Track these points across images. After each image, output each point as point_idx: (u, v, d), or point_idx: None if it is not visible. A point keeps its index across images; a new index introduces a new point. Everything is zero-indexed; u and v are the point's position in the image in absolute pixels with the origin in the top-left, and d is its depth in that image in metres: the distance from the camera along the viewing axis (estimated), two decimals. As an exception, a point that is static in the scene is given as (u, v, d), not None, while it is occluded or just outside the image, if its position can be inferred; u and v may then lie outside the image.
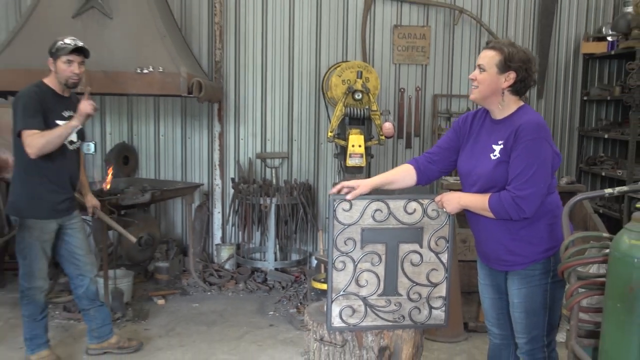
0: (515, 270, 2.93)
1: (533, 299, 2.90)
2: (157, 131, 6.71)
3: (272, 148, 6.76)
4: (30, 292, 4.08)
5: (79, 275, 4.25)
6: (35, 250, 4.03)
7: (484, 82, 2.87)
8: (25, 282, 4.08)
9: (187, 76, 5.08)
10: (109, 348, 4.41)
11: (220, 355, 4.49)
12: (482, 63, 2.88)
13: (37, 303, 4.12)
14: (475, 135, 3.05)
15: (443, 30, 6.66)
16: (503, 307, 3.13)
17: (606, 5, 6.68)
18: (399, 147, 6.77)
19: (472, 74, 2.94)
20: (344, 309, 2.99)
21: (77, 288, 4.29)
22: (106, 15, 5.25)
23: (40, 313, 4.15)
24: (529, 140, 2.74)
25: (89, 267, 4.30)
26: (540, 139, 2.76)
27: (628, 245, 2.22)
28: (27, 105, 3.85)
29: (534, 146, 2.75)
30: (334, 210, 2.93)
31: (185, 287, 5.94)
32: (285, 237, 6.29)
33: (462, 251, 4.90)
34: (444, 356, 4.52)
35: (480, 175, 2.90)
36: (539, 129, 2.77)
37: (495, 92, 2.88)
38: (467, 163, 3.02)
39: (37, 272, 4.07)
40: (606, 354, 2.30)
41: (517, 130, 2.78)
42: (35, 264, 4.05)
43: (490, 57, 2.86)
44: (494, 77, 2.85)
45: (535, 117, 2.84)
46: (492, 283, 3.12)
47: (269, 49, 6.65)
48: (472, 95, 2.95)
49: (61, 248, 4.21)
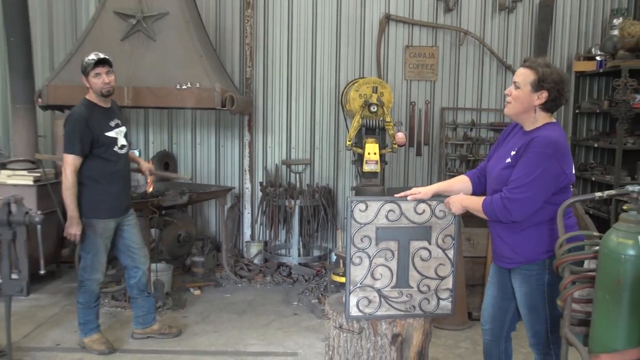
0: (517, 269, 2.89)
1: (533, 296, 2.86)
2: (194, 140, 6.74)
3: (296, 155, 6.76)
4: (88, 282, 4.13)
5: (134, 267, 4.31)
6: (97, 246, 4.09)
7: (517, 99, 2.80)
8: (85, 273, 4.13)
9: (221, 91, 5.09)
10: (152, 334, 4.45)
11: (249, 340, 4.50)
12: (518, 80, 2.80)
13: (93, 292, 4.17)
14: (506, 142, 3.01)
15: (450, 50, 6.64)
16: (501, 305, 3.08)
17: (595, 29, 6.63)
18: (411, 155, 6.75)
19: (507, 89, 2.87)
20: (361, 300, 2.99)
21: (130, 278, 4.34)
22: (150, 38, 5.30)
23: (95, 301, 4.21)
24: (535, 152, 2.68)
25: (143, 260, 4.36)
26: (547, 154, 2.68)
27: (616, 243, 2.22)
28: (72, 130, 3.92)
29: (538, 158, 2.68)
30: (351, 211, 2.93)
31: (218, 279, 5.94)
32: (307, 235, 6.28)
33: (466, 248, 4.89)
34: (451, 342, 4.50)
35: (494, 176, 2.88)
36: (548, 145, 2.69)
37: (528, 109, 2.80)
38: (491, 167, 2.99)
39: (97, 265, 4.13)
40: (596, 341, 2.30)
41: (530, 141, 2.73)
42: (97, 258, 4.11)
43: (525, 75, 2.78)
44: (527, 94, 2.78)
45: (552, 134, 2.75)
46: (497, 281, 3.08)
47: (293, 67, 6.67)
48: (506, 110, 2.88)
49: (119, 242, 4.26)
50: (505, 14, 6.62)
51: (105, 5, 5.39)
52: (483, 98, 6.71)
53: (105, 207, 4.07)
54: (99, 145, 4.00)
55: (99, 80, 3.95)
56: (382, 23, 6.56)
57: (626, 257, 2.17)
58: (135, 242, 4.30)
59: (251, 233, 6.74)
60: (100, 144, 4.00)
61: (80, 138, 3.90)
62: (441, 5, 6.57)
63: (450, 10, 6.55)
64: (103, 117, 4.07)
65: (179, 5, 5.39)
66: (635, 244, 2.18)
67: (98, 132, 3.98)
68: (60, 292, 5.49)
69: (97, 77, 3.95)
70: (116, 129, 4.12)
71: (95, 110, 4.03)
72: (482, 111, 6.72)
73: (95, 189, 4.03)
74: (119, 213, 4.18)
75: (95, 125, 3.98)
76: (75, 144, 3.90)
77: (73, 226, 3.96)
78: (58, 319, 4.83)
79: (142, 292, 4.39)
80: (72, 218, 3.95)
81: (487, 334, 3.18)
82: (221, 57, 6.41)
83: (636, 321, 2.21)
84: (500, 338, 3.15)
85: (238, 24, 6.57)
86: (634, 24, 5.79)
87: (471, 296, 4.92)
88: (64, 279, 5.85)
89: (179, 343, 4.40)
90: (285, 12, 6.60)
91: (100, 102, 4.07)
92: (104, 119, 4.06)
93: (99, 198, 4.03)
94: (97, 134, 3.97)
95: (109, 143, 4.06)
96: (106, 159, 4.04)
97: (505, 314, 3.09)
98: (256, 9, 6.52)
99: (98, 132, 3.98)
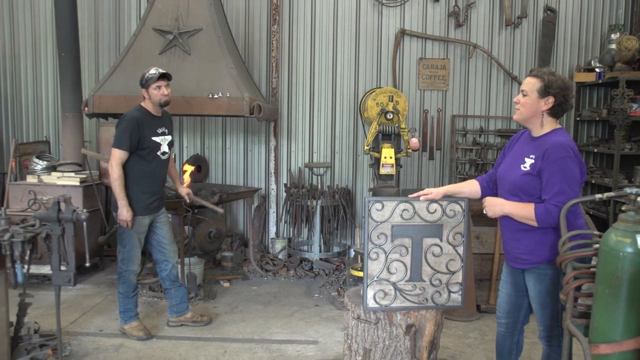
0: (532, 269, 2.86)
1: (546, 293, 2.83)
2: (224, 145, 6.79)
3: (318, 159, 6.77)
4: (126, 273, 4.19)
5: (164, 261, 4.36)
6: (133, 241, 4.15)
7: (525, 105, 2.80)
8: (123, 265, 4.20)
9: (249, 100, 5.12)
10: (185, 321, 4.50)
11: (274, 329, 4.51)
12: (525, 89, 2.80)
13: (131, 283, 4.23)
14: (515, 147, 3.00)
15: (460, 62, 6.62)
16: (516, 302, 3.06)
17: (594, 43, 6.59)
18: (424, 159, 6.74)
19: (516, 97, 2.87)
20: (377, 293, 3.00)
21: (161, 271, 4.40)
22: (185, 52, 5.35)
23: (133, 291, 4.26)
24: (559, 158, 2.67)
25: (172, 254, 4.40)
26: (570, 157, 2.68)
27: (615, 241, 2.21)
28: (124, 128, 4.01)
29: (564, 164, 2.67)
30: (369, 210, 2.93)
31: (246, 273, 5.97)
32: (328, 232, 6.29)
33: (475, 245, 4.86)
34: (460, 332, 4.48)
35: (511, 182, 2.85)
36: (567, 150, 2.69)
37: (536, 114, 2.80)
38: (503, 170, 2.97)
39: (133, 258, 4.19)
40: (596, 331, 2.29)
41: (546, 151, 2.70)
42: (132, 252, 4.17)
43: (532, 83, 2.78)
44: (535, 101, 2.78)
45: (562, 139, 2.74)
46: (512, 281, 3.05)
47: (315, 78, 6.69)
48: (515, 116, 2.87)
49: (151, 238, 4.32)
50: (511, 29, 6.58)
51: (145, 23, 5.47)
52: (491, 106, 6.67)
53: (142, 205, 4.13)
54: (144, 147, 4.08)
55: (159, 92, 4.08)
56: (397, 37, 6.56)
57: (624, 254, 2.16)
58: (166, 238, 4.35)
59: (276, 230, 6.76)
60: (145, 146, 4.09)
61: (130, 136, 3.99)
62: (452, 21, 6.56)
63: (460, 26, 6.53)
64: (153, 123, 4.16)
65: (211, 21, 5.44)
66: (632, 242, 2.17)
67: (146, 134, 4.08)
68: (103, 283, 5.56)
69: (157, 89, 4.08)
70: (162, 136, 4.21)
71: (147, 116, 4.13)
72: (490, 118, 6.68)
73: (133, 188, 4.10)
74: (153, 211, 4.24)
75: (145, 128, 4.08)
76: (124, 140, 3.99)
77: (124, 213, 4.03)
78: (101, 307, 4.90)
79: (174, 282, 4.44)
80: (122, 205, 4.02)
81: (502, 327, 3.17)
82: (249, 69, 6.45)
83: (633, 314, 2.20)
84: (514, 331, 3.14)
85: (265, 38, 6.61)
86: (630, 39, 5.78)
87: (479, 290, 4.90)
88: (107, 271, 5.94)
89: (210, 331, 4.44)
90: (309, 28, 6.63)
91: (153, 111, 4.17)
92: (153, 125, 4.16)
93: (136, 197, 4.10)
94: (144, 136, 4.07)
95: (153, 147, 4.14)
96: (148, 162, 4.12)
97: (520, 310, 3.08)
98: (282, 25, 6.57)
99: (146, 134, 4.08)
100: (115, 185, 4.01)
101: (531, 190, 2.77)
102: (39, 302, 4.51)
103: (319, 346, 4.19)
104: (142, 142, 4.06)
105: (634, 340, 2.21)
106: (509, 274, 3.07)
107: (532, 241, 2.81)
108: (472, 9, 6.55)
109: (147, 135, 4.08)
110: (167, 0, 5.47)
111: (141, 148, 4.06)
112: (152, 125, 4.14)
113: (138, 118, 4.05)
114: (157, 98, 4.09)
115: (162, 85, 4.08)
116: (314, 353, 4.06)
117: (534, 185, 2.76)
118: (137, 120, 4.03)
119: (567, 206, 2.63)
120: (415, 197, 2.97)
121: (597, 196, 2.58)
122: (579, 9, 6.58)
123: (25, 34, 6.77)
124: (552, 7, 6.55)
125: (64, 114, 5.88)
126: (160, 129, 4.20)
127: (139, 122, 4.03)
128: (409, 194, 3.02)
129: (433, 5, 6.56)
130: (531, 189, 2.77)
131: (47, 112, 6.85)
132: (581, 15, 6.60)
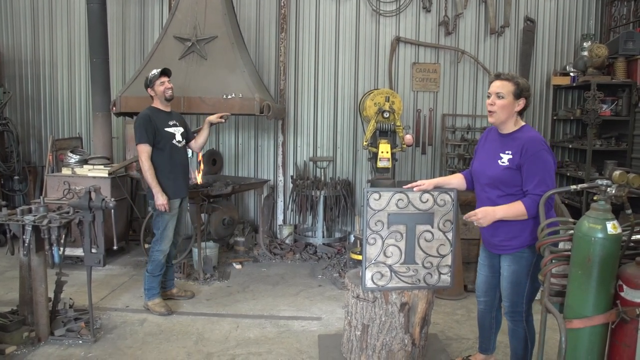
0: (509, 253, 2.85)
1: (519, 273, 2.82)
2: (237, 140, 6.78)
3: (322, 153, 6.77)
4: (156, 253, 4.22)
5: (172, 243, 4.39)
6: (165, 222, 4.20)
7: (503, 107, 2.76)
8: (155, 245, 4.24)
9: (259, 100, 5.12)
10: (170, 296, 4.54)
11: (282, 306, 4.52)
12: (501, 92, 2.75)
13: (159, 263, 4.25)
14: (486, 144, 2.98)
15: (449, 66, 6.60)
16: (492, 282, 3.07)
17: (569, 50, 6.59)
18: (417, 154, 6.73)
19: (489, 100, 2.80)
20: (375, 274, 3.02)
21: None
22: (202, 57, 5.36)
23: (159, 271, 4.28)
24: (537, 150, 2.67)
25: (179, 238, 4.50)
26: (546, 150, 2.69)
27: (587, 228, 2.23)
28: (139, 126, 4.08)
29: (542, 156, 2.67)
30: (367, 200, 2.95)
31: (256, 256, 5.97)
32: (330, 220, 6.29)
33: (463, 231, 4.87)
34: (449, 310, 4.49)
35: (490, 176, 2.83)
36: (541, 143, 2.69)
37: (510, 115, 2.78)
38: (478, 165, 2.96)
39: (164, 239, 4.23)
40: (570, 308, 2.31)
41: (523, 146, 2.70)
42: (165, 232, 4.21)
43: (507, 86, 2.75)
44: (511, 103, 2.75)
45: (534, 134, 2.75)
46: (488, 263, 3.07)
47: (319, 80, 6.67)
48: (493, 119, 2.81)
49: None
50: (495, 37, 6.57)
51: (167, 32, 5.47)
52: (477, 106, 6.66)
53: (171, 189, 4.18)
54: (160, 137, 4.13)
55: (163, 86, 4.18)
56: (393, 44, 6.55)
57: (595, 239, 2.19)
58: (181, 223, 4.42)
59: (283, 218, 6.76)
60: (162, 137, 4.14)
61: (146, 130, 4.06)
62: (442, 30, 6.54)
63: (449, 34, 6.51)
64: (163, 117, 4.23)
65: (225, 30, 5.44)
66: (603, 229, 2.19)
67: (159, 127, 4.14)
68: (129, 264, 5.58)
69: (161, 84, 4.17)
70: (173, 127, 4.27)
71: (156, 112, 4.21)
72: (477, 117, 6.67)
73: (161, 176, 4.14)
74: (181, 194, 4.30)
75: (157, 122, 4.15)
76: (142, 135, 4.05)
77: (159, 198, 4.07)
78: (127, 286, 4.92)
79: (169, 262, 4.50)
80: (157, 192, 4.07)
81: (482, 304, 3.18)
82: (260, 72, 6.43)
83: (603, 292, 2.22)
84: (492, 308, 3.16)
85: (274, 44, 6.59)
86: (600, 47, 5.83)
87: (466, 272, 4.91)
88: (132, 254, 5.95)
89: (224, 308, 4.44)
90: (313, 35, 6.61)
91: (162, 107, 4.25)
92: (164, 119, 4.22)
93: (165, 183, 4.15)
94: (158, 129, 4.13)
95: (168, 136, 4.20)
96: (166, 151, 4.17)
97: (495, 289, 3.09)
98: (289, 33, 6.55)
99: (159, 127, 4.14)
100: (147, 175, 4.06)
101: (511, 182, 2.77)
102: (73, 281, 4.53)
103: (322, 322, 4.19)
104: (158, 134, 4.12)
105: (603, 316, 2.24)
106: (487, 257, 3.08)
107: (514, 229, 2.79)
108: (460, 19, 6.53)
109: (160, 128, 4.15)
110: (187, 11, 5.47)
111: (158, 140, 4.13)
112: (163, 120, 4.21)
113: (149, 114, 4.13)
114: (163, 92, 4.17)
115: (165, 81, 4.18)
116: (318, 328, 4.06)
117: (513, 177, 2.76)
118: (148, 116, 4.11)
119: (546, 195, 2.63)
120: (409, 188, 2.99)
121: (572, 187, 2.60)
122: (555, 19, 6.59)
123: (62, 44, 6.80)
124: (532, 17, 6.54)
125: (94, 113, 5.91)
126: (171, 122, 4.27)
127: (150, 117, 4.11)
128: (404, 185, 3.03)
129: (425, 15, 6.54)
130: (511, 181, 2.77)
131: (80, 112, 6.87)
132: (557, 25, 6.59)
